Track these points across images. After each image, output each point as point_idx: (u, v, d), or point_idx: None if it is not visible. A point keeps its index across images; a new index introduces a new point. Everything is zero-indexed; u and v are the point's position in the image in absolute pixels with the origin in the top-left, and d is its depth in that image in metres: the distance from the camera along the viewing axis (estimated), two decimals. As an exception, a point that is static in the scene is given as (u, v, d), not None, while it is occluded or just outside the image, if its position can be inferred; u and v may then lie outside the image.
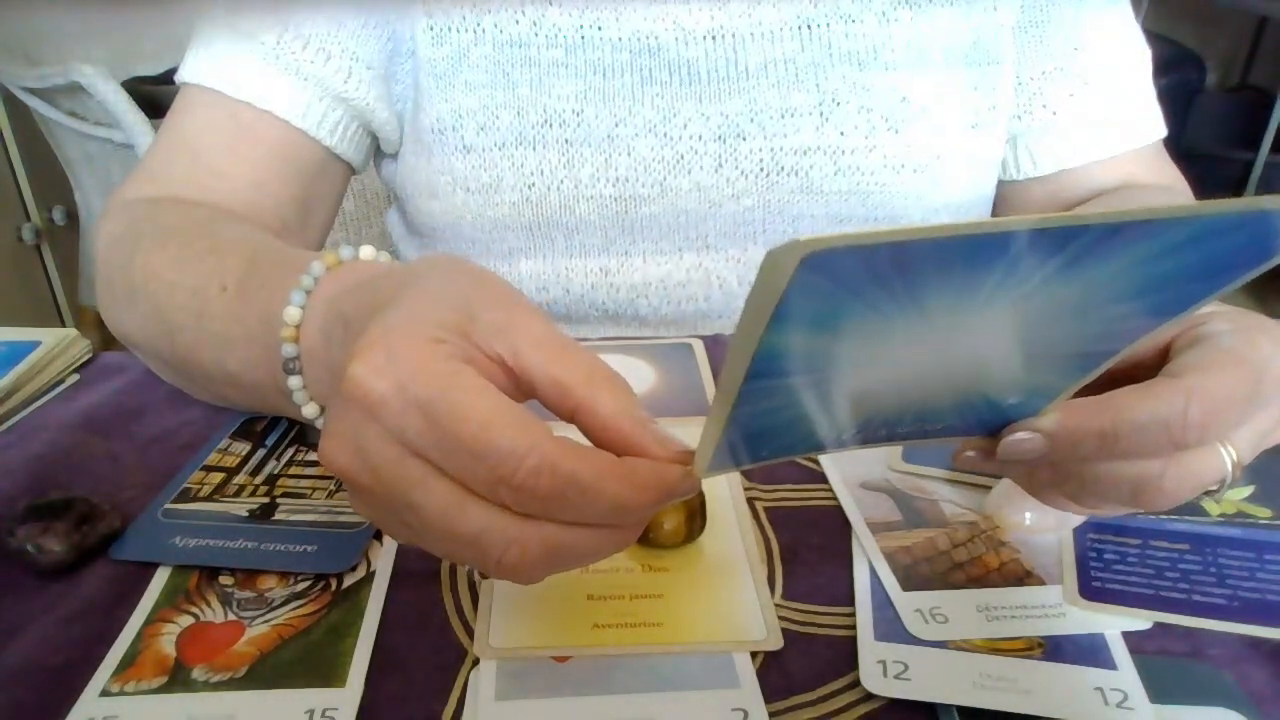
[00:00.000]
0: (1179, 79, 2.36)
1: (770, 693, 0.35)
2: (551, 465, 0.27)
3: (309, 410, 0.39)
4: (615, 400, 0.30)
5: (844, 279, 0.23)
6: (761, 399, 0.27)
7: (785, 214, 0.62)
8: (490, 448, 0.27)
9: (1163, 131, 0.65)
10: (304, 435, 0.51)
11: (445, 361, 0.29)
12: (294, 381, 0.39)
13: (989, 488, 0.45)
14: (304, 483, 0.47)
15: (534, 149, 0.59)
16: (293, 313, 0.38)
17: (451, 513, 0.29)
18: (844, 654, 0.37)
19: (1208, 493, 0.35)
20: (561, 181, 0.59)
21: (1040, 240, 0.25)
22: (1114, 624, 0.38)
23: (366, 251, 0.40)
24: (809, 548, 0.43)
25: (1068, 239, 0.26)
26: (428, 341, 0.29)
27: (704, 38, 0.59)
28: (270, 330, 0.40)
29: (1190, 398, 0.32)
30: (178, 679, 0.36)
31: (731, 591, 0.40)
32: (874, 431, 0.34)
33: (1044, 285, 0.27)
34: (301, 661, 0.37)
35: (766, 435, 0.31)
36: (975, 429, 0.34)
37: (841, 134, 0.59)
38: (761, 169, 0.60)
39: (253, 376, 0.43)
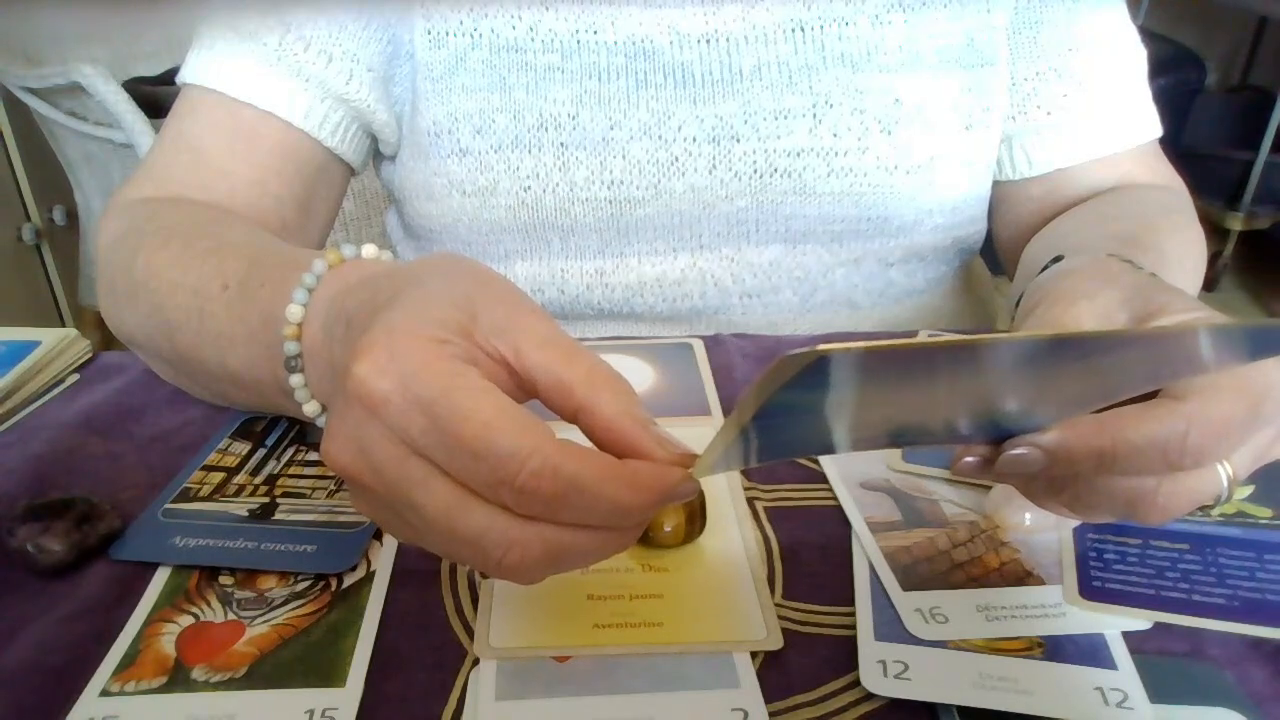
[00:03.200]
0: (1179, 79, 2.36)
1: (770, 693, 0.35)
2: (553, 467, 0.28)
3: (310, 408, 0.39)
4: (617, 401, 0.30)
5: (852, 370, 0.25)
6: (768, 428, 0.28)
7: (778, 214, 0.62)
8: (492, 449, 0.27)
9: (1158, 131, 0.65)
10: (304, 435, 0.51)
11: (448, 362, 0.29)
12: (295, 380, 0.39)
13: (989, 488, 0.45)
14: (304, 482, 0.47)
15: (529, 152, 0.59)
16: (295, 310, 0.38)
17: (453, 513, 0.29)
18: (844, 654, 0.37)
19: (1202, 508, 0.35)
20: (557, 184, 0.60)
21: (1053, 347, 0.27)
22: (1114, 624, 0.38)
23: (369, 250, 0.40)
24: (809, 548, 0.43)
25: (1080, 345, 0.28)
26: (431, 341, 0.29)
27: (698, 41, 0.59)
28: (272, 328, 0.40)
29: (1191, 424, 0.32)
30: (178, 679, 0.36)
31: (731, 591, 0.40)
32: (876, 440, 0.35)
33: (1055, 365, 0.29)
34: (301, 661, 0.37)
35: (771, 447, 0.31)
36: (977, 438, 0.35)
37: (835, 135, 0.59)
38: (755, 170, 0.60)
39: (254, 375, 0.43)
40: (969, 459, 0.35)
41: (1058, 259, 0.47)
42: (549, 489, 0.28)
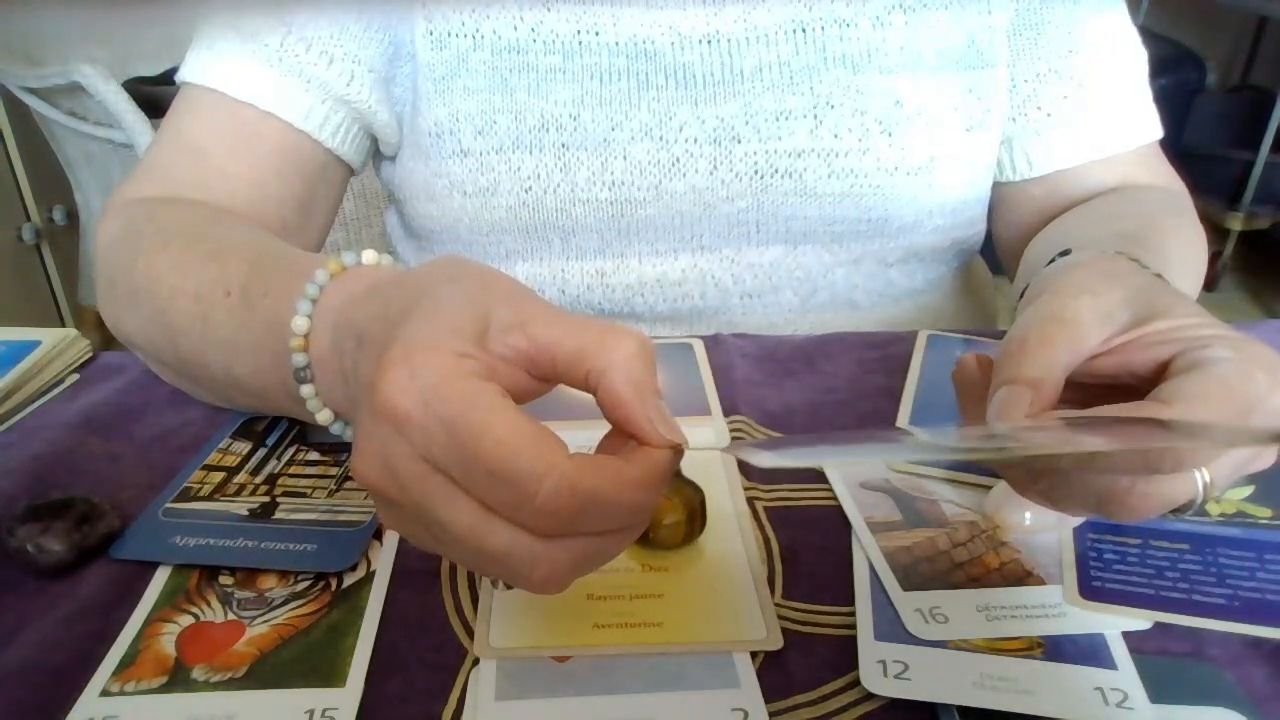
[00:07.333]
0: (1179, 79, 2.36)
1: (770, 693, 0.35)
2: (570, 484, 0.28)
3: (323, 416, 0.39)
4: (624, 367, 0.31)
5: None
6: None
7: (779, 215, 0.62)
8: (508, 469, 0.28)
9: (1159, 133, 0.65)
10: (304, 435, 0.51)
11: (467, 380, 0.29)
12: (307, 390, 0.39)
13: (989, 488, 0.45)
14: (304, 482, 0.47)
15: (531, 153, 0.59)
16: (300, 323, 0.38)
17: (478, 529, 0.29)
18: (844, 654, 0.37)
19: (1175, 511, 0.35)
20: (558, 185, 0.60)
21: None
22: (1114, 624, 0.38)
23: (369, 256, 0.40)
24: (809, 548, 0.43)
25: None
26: (451, 356, 0.29)
27: (700, 42, 0.59)
28: (277, 337, 0.40)
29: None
30: (178, 679, 0.36)
31: (731, 591, 0.40)
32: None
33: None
34: (301, 661, 0.37)
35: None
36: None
37: (835, 137, 0.59)
38: (756, 172, 0.60)
39: (261, 381, 0.43)
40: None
41: (1065, 253, 0.47)
42: (568, 506, 0.28)
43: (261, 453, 0.49)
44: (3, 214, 1.85)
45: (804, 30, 0.59)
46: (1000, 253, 0.72)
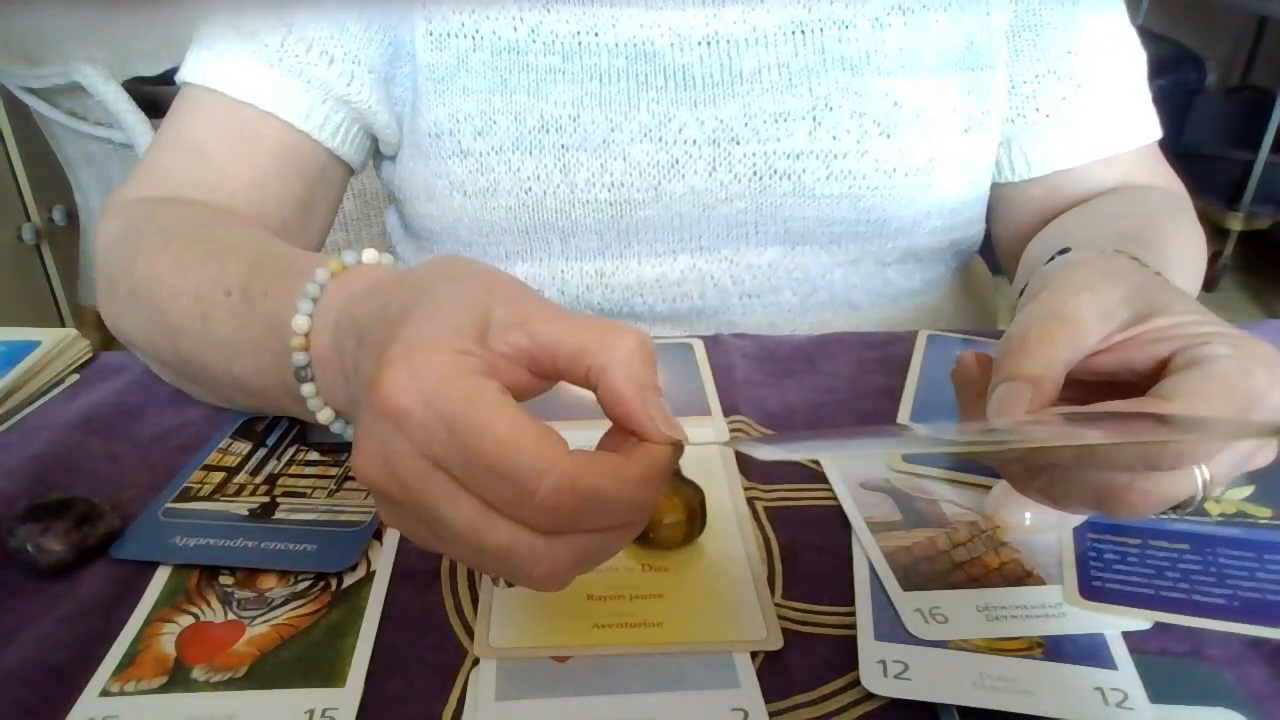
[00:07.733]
0: (1179, 79, 2.36)
1: (770, 693, 0.35)
2: (571, 481, 0.28)
3: (324, 415, 0.39)
4: (624, 364, 0.31)
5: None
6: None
7: (777, 217, 0.62)
8: (509, 466, 0.28)
9: (1158, 134, 0.65)
10: (304, 435, 0.51)
11: (468, 378, 0.29)
12: (307, 389, 0.39)
13: (989, 488, 0.45)
14: (304, 482, 0.47)
15: (530, 154, 0.59)
16: (301, 322, 0.38)
17: (478, 526, 0.29)
18: (844, 654, 0.37)
19: (1175, 508, 0.35)
20: (557, 186, 0.60)
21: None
22: (1114, 624, 0.38)
23: (369, 255, 0.40)
24: (809, 548, 0.43)
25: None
26: (451, 353, 0.29)
27: (699, 43, 0.59)
28: (278, 337, 0.40)
29: (1174, 426, 0.32)
30: (178, 679, 0.36)
31: (731, 591, 0.40)
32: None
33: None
34: (301, 661, 0.37)
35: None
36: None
37: (834, 138, 0.59)
38: (754, 173, 0.60)
39: (262, 381, 0.43)
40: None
41: (1065, 251, 0.47)
42: (568, 503, 0.28)
43: (261, 453, 0.49)
44: (3, 214, 1.85)
45: (803, 32, 0.59)
46: (999, 253, 0.72)
